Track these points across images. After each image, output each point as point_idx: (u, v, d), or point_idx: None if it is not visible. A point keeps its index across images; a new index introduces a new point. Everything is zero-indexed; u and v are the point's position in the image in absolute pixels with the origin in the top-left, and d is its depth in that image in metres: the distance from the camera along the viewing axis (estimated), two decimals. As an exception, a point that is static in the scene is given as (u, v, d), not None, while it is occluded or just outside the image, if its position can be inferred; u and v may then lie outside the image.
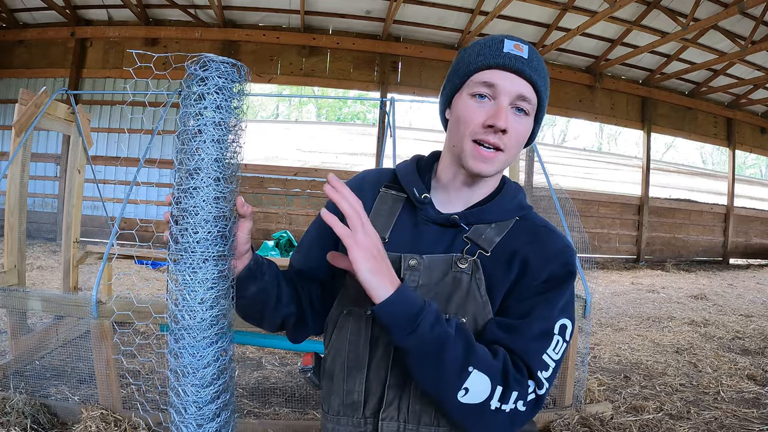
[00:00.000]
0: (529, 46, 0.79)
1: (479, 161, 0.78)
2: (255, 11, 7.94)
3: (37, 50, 8.16)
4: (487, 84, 0.77)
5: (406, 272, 0.78)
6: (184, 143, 0.73)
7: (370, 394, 0.81)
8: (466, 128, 0.78)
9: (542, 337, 0.76)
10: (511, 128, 0.76)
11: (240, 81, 0.75)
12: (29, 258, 5.72)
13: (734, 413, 2.68)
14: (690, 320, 4.74)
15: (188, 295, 0.74)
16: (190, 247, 0.73)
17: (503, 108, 0.76)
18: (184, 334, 0.76)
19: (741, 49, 7.48)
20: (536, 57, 0.79)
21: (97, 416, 2.09)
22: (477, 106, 0.78)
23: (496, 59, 0.77)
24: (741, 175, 14.14)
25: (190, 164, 0.73)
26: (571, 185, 9.19)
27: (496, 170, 0.80)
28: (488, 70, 0.77)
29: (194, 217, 0.73)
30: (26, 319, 2.94)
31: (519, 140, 0.79)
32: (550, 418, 2.37)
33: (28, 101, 2.71)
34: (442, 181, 0.86)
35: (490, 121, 0.76)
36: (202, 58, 0.72)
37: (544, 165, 2.71)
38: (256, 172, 8.27)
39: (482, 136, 0.77)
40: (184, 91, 0.74)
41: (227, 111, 0.74)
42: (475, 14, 7.66)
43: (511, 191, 0.87)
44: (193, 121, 0.72)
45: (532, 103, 0.79)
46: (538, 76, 0.78)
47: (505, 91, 0.77)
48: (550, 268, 0.79)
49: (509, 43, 0.78)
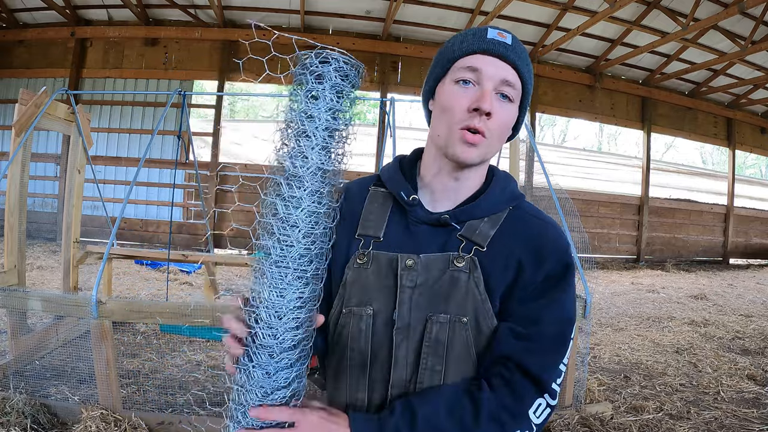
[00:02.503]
0: (512, 35, 0.80)
1: (464, 146, 0.76)
2: (255, 11, 7.94)
3: (37, 50, 8.16)
4: (471, 68, 0.76)
5: (403, 272, 0.78)
6: (288, 144, 0.67)
7: (373, 392, 0.81)
8: (452, 115, 0.77)
9: (557, 346, 0.77)
10: (496, 113, 0.76)
11: (357, 83, 0.69)
12: (29, 258, 5.72)
13: (734, 413, 2.68)
14: (690, 320, 4.74)
15: (273, 313, 0.68)
16: (284, 262, 0.67)
17: (488, 91, 0.75)
18: (260, 353, 0.69)
19: (741, 49, 7.48)
20: (519, 45, 0.80)
21: (97, 416, 2.09)
22: (462, 92, 0.77)
23: (480, 44, 0.77)
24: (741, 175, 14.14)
25: (291, 171, 0.67)
26: (571, 185, 9.18)
27: (480, 157, 0.79)
28: (472, 56, 0.77)
29: (292, 230, 0.67)
30: (26, 319, 2.94)
31: (503, 127, 0.78)
32: (550, 418, 2.37)
33: (28, 101, 2.71)
34: (427, 179, 0.85)
35: (475, 104, 0.75)
36: (323, 51, 0.65)
37: (544, 165, 2.71)
38: (256, 172, 8.27)
39: (467, 122, 0.76)
40: (294, 87, 0.68)
41: (341, 115, 0.67)
42: (475, 14, 7.67)
43: (500, 182, 0.85)
44: (304, 124, 0.66)
45: (516, 89, 0.78)
46: (521, 61, 0.78)
47: (489, 75, 0.76)
48: (546, 266, 0.78)
49: (492, 31, 0.78)
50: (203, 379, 2.82)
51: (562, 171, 9.66)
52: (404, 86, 8.51)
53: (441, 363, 0.77)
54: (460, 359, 0.78)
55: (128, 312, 2.21)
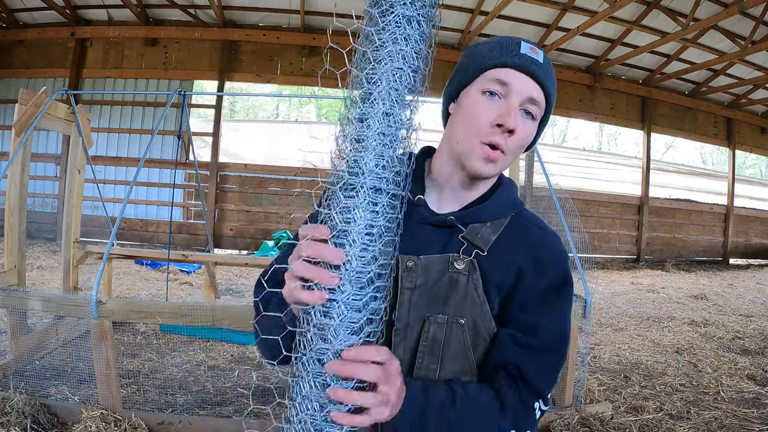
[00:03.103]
0: (543, 52, 0.79)
1: (484, 162, 0.76)
2: (255, 11, 7.94)
3: (37, 50, 8.16)
4: (501, 82, 0.76)
5: (404, 274, 0.78)
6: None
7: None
8: (474, 125, 0.76)
9: (556, 355, 0.79)
10: (518, 130, 0.76)
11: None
12: (29, 258, 5.72)
13: (734, 413, 2.68)
14: (690, 320, 4.74)
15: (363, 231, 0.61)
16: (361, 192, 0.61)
17: (513, 107, 0.75)
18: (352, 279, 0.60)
19: (741, 49, 7.48)
20: (548, 63, 0.79)
21: (97, 416, 2.09)
22: (487, 103, 0.76)
23: (512, 59, 0.76)
24: (741, 175, 14.13)
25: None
26: (571, 185, 9.17)
27: (497, 172, 0.80)
28: (503, 68, 0.76)
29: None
30: (26, 319, 2.94)
31: (522, 144, 0.79)
32: (550, 418, 2.37)
33: (28, 101, 2.71)
34: (438, 180, 0.85)
35: (500, 120, 0.74)
36: None
37: (544, 165, 2.71)
38: (256, 172, 8.27)
39: (490, 138, 0.75)
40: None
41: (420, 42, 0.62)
42: (475, 14, 7.66)
43: (506, 188, 0.86)
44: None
45: (540, 108, 0.78)
46: (550, 82, 0.78)
47: (517, 91, 0.75)
48: (548, 275, 0.79)
49: (525, 45, 0.77)
50: (203, 379, 2.82)
51: (562, 171, 9.64)
52: (404, 86, 8.51)
53: (436, 362, 0.78)
54: (456, 359, 0.78)
55: (128, 312, 2.21)
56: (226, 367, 3.03)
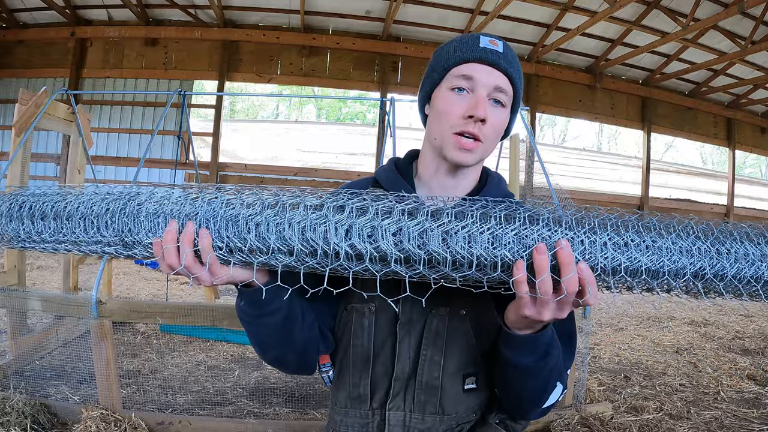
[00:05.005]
0: (503, 42, 0.83)
1: (461, 152, 0.80)
2: (255, 11, 7.94)
3: (37, 50, 8.16)
4: (466, 77, 0.80)
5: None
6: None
7: (376, 386, 0.85)
8: (447, 120, 0.81)
9: (571, 341, 0.85)
10: (490, 118, 0.79)
11: None
12: (29, 258, 5.72)
13: (734, 413, 2.68)
14: (690, 320, 4.74)
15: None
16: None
17: (482, 98, 0.79)
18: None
19: (741, 49, 7.47)
20: (510, 51, 0.84)
21: (97, 416, 2.08)
22: (457, 99, 0.80)
23: (473, 53, 0.80)
24: (741, 175, 14.14)
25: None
26: (571, 185, 9.18)
27: (476, 160, 0.83)
28: (465, 64, 0.81)
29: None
30: (26, 319, 2.94)
31: (496, 131, 0.83)
32: (550, 418, 2.37)
33: (28, 101, 2.71)
34: (425, 178, 0.88)
35: (471, 112, 0.78)
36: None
37: (544, 165, 2.71)
38: (256, 172, 8.27)
39: (463, 128, 0.80)
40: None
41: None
42: (475, 14, 7.66)
43: (494, 182, 0.90)
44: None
45: (508, 95, 0.82)
46: (512, 68, 0.82)
47: (482, 83, 0.80)
48: None
49: (484, 39, 0.82)
50: (203, 379, 2.82)
51: (562, 171, 9.66)
52: (404, 86, 8.51)
53: (440, 354, 0.81)
54: (460, 350, 0.82)
55: (128, 312, 2.21)
56: (226, 367, 3.03)
